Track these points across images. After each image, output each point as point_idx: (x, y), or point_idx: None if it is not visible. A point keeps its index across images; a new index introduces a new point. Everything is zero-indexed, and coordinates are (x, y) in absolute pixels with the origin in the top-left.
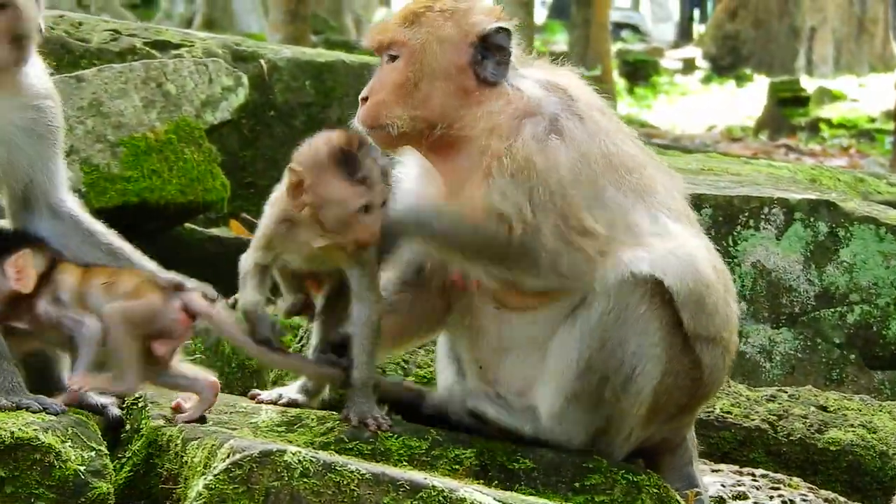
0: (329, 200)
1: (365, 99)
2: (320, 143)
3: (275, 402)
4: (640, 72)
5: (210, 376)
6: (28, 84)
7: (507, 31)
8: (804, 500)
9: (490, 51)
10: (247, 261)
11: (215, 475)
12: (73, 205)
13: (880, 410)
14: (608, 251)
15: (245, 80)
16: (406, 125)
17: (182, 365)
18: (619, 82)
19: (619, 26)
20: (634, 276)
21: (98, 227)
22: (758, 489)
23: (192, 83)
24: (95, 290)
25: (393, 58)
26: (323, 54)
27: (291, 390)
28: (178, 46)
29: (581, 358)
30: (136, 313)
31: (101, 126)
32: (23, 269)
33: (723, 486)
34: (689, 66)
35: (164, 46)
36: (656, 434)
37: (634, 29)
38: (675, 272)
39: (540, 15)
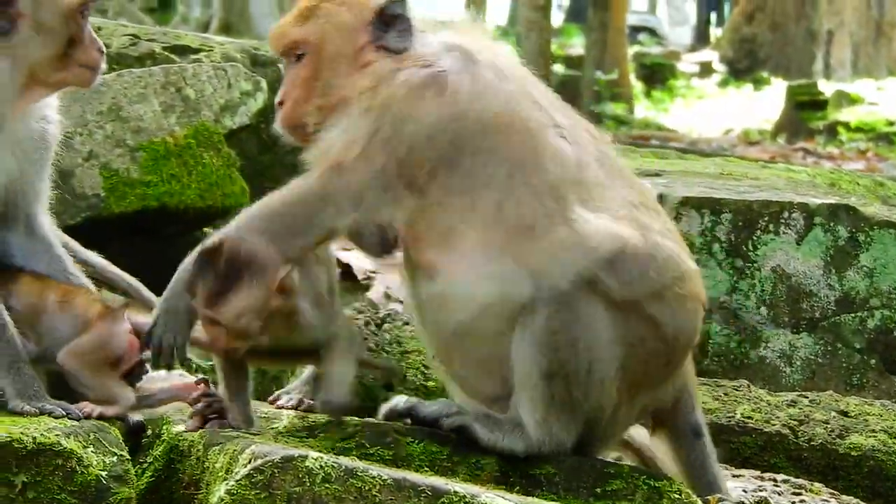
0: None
1: (281, 103)
2: None
3: (295, 408)
4: (657, 75)
5: (185, 378)
6: None
7: (402, 1)
8: None
9: (390, 24)
10: None
11: (237, 480)
12: (48, 226)
13: None
14: (429, 218)
15: (264, 84)
16: (320, 117)
17: (156, 380)
18: (636, 86)
19: (636, 30)
20: (559, 286)
21: (69, 249)
22: (779, 494)
23: (210, 88)
24: (51, 307)
25: (298, 57)
26: None
27: (309, 395)
28: (196, 51)
29: (541, 366)
30: (86, 349)
31: (121, 131)
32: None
33: (744, 491)
34: (706, 69)
35: (183, 51)
36: (655, 401)
37: (651, 32)
38: (583, 263)
39: (556, 18)
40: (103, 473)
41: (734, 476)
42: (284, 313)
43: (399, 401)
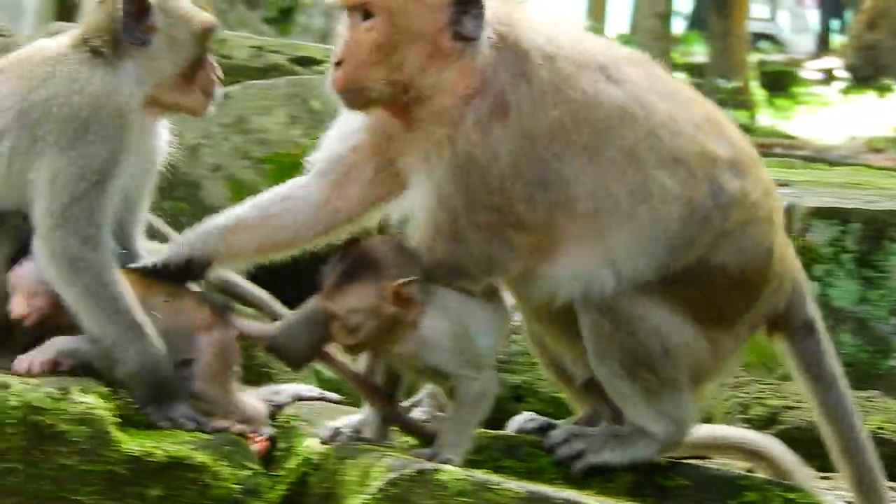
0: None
1: (339, 63)
2: None
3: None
4: (779, 83)
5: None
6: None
7: None
8: None
9: (466, 5)
10: None
11: (372, 494)
12: (140, 240)
13: None
14: (551, 243)
15: None
16: (385, 88)
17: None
18: (759, 93)
19: (758, 37)
20: (611, 295)
21: None
22: None
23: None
24: (157, 306)
25: (366, 16)
26: None
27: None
28: (321, 62)
29: (619, 366)
30: (214, 368)
31: (246, 143)
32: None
33: None
34: (828, 76)
35: (307, 62)
36: (759, 316)
37: (773, 40)
38: (643, 259)
39: (678, 26)
40: (237, 487)
41: None
42: (401, 324)
43: (526, 419)
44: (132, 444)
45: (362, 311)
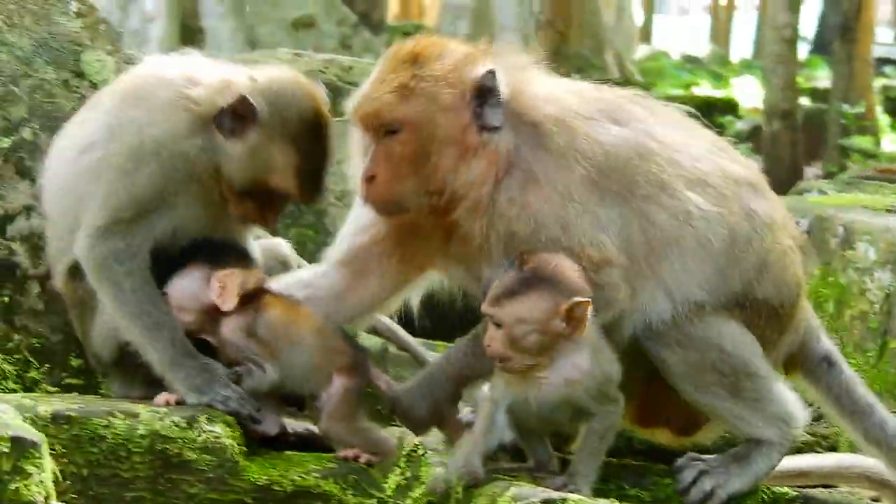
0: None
1: (370, 178)
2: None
3: None
4: None
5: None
6: None
7: (492, 72)
8: None
9: (485, 98)
10: None
11: None
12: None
13: None
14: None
15: None
16: (419, 199)
17: None
18: (883, 118)
19: (882, 62)
20: (676, 322)
21: None
22: None
23: None
24: (305, 336)
25: (390, 133)
26: None
27: None
28: None
29: (721, 387)
30: (342, 411)
31: None
32: (226, 287)
33: None
34: None
35: None
36: (779, 355)
37: None
38: (697, 283)
39: (802, 51)
40: None
41: None
42: (558, 347)
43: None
44: (259, 473)
45: (532, 322)
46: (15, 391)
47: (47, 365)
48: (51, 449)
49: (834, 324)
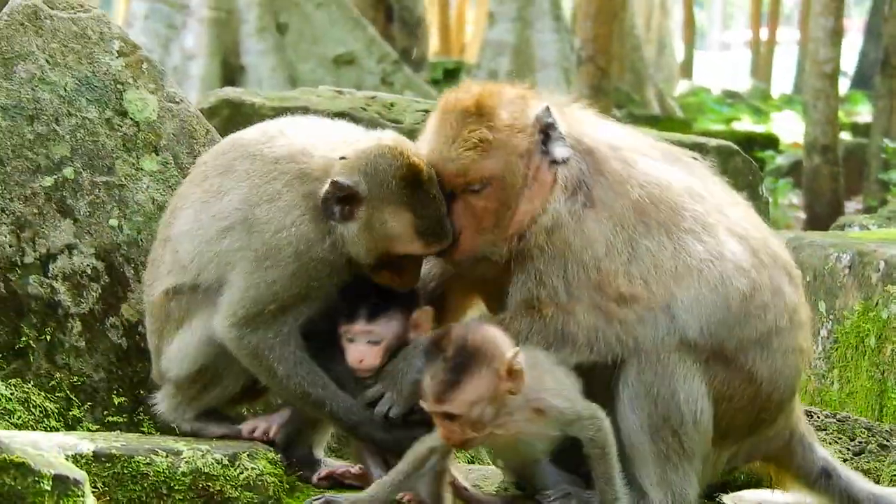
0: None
1: (459, 233)
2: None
3: None
4: None
5: None
6: None
7: (547, 107)
8: None
9: (547, 133)
10: None
11: None
12: None
13: None
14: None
15: None
16: (502, 246)
17: None
18: None
19: None
20: (662, 343)
21: None
22: None
23: None
24: None
25: (475, 190)
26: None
27: None
28: None
29: (645, 422)
30: None
31: None
32: (421, 326)
33: None
34: None
35: None
36: (752, 451)
37: None
38: (701, 317)
39: (842, 86)
40: None
41: None
42: (509, 399)
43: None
44: None
45: (485, 399)
46: (57, 429)
47: (89, 403)
48: (93, 487)
49: (875, 358)
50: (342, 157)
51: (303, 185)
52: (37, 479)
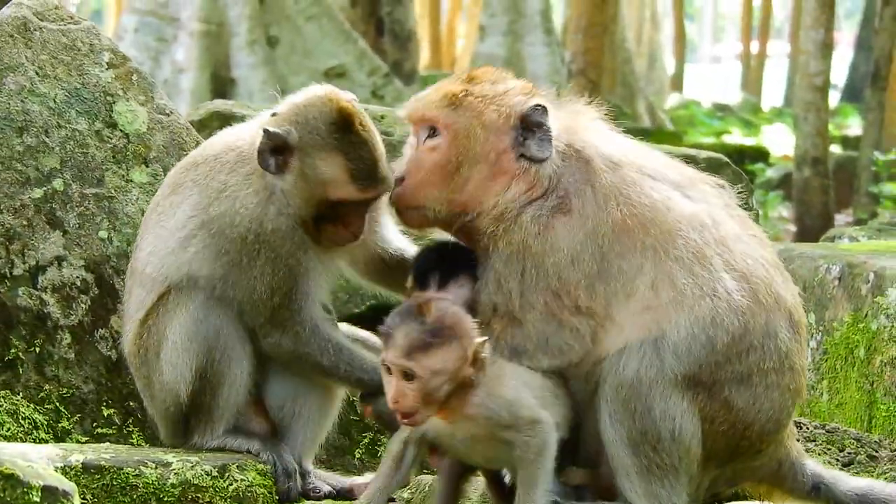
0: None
1: (401, 179)
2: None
3: None
4: None
5: None
6: None
7: (543, 107)
8: None
9: (531, 131)
10: None
11: None
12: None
13: None
14: (606, 328)
15: None
16: (443, 209)
17: None
18: None
19: None
20: (639, 372)
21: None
22: None
23: None
24: None
25: (432, 133)
26: None
27: None
28: None
29: (624, 437)
30: None
31: None
32: None
33: None
34: None
35: None
36: (739, 476)
37: None
38: (683, 349)
39: (832, 99)
40: None
41: None
42: (465, 387)
43: None
44: None
45: (446, 373)
46: (46, 441)
47: (78, 415)
48: (82, 498)
49: (864, 370)
50: (274, 114)
51: (244, 167)
52: (26, 490)
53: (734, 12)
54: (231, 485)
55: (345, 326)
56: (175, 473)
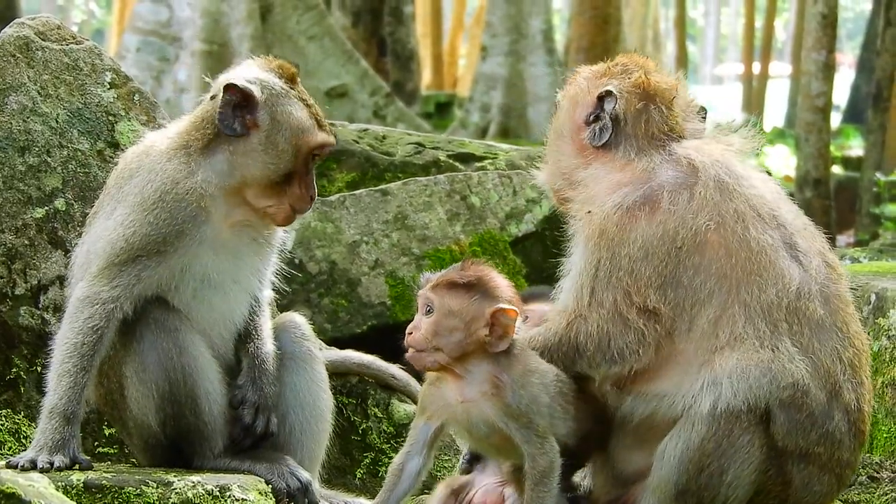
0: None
1: None
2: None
3: None
4: None
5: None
6: None
7: (609, 92)
8: None
9: (598, 114)
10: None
11: None
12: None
13: None
14: (668, 350)
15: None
16: (553, 186)
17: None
18: None
19: None
20: (734, 405)
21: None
22: None
23: (496, 195)
24: None
25: None
26: None
27: None
28: (481, 159)
29: (679, 481)
30: None
31: (406, 239)
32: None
33: None
34: None
35: (467, 159)
36: None
37: None
38: (769, 390)
39: (834, 120)
40: None
41: None
42: (481, 355)
43: None
44: None
45: (458, 316)
46: None
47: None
48: None
49: None
50: (213, 97)
51: (165, 143)
52: None
53: (736, 33)
54: None
55: (348, 353)
56: (176, 493)
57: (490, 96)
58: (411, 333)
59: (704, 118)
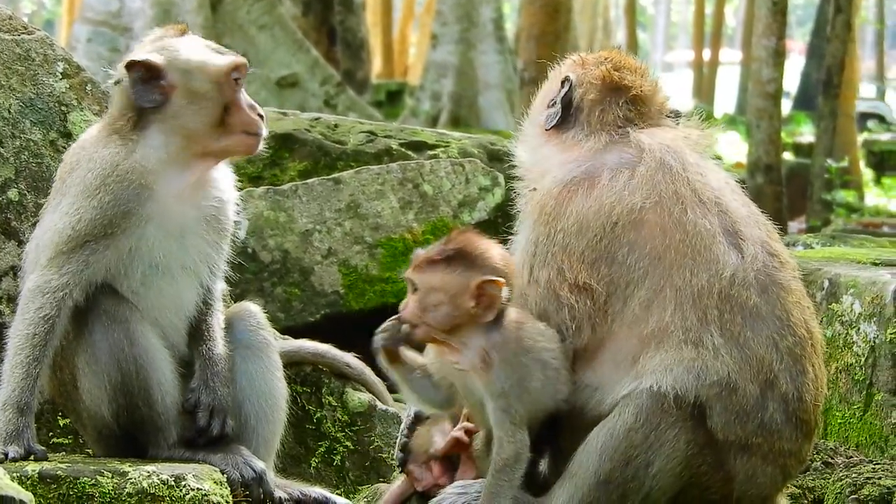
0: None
1: None
2: None
3: None
4: (886, 162)
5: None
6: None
7: (567, 79)
8: None
9: (552, 103)
10: None
11: None
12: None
13: None
14: (603, 329)
15: (502, 179)
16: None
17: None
18: (866, 173)
19: (865, 116)
20: (662, 394)
21: (286, 345)
22: None
23: (448, 183)
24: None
25: None
26: None
27: None
28: (433, 147)
29: (601, 470)
30: None
31: (359, 228)
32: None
33: None
34: None
35: (419, 147)
36: None
37: (880, 119)
38: (695, 385)
39: (785, 106)
40: None
41: None
42: (471, 327)
43: None
44: None
45: (443, 292)
46: None
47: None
48: None
49: None
50: (118, 81)
51: (98, 134)
52: None
53: (686, 20)
54: (187, 494)
55: (302, 342)
56: (131, 483)
57: (441, 84)
58: (403, 310)
59: (677, 122)
